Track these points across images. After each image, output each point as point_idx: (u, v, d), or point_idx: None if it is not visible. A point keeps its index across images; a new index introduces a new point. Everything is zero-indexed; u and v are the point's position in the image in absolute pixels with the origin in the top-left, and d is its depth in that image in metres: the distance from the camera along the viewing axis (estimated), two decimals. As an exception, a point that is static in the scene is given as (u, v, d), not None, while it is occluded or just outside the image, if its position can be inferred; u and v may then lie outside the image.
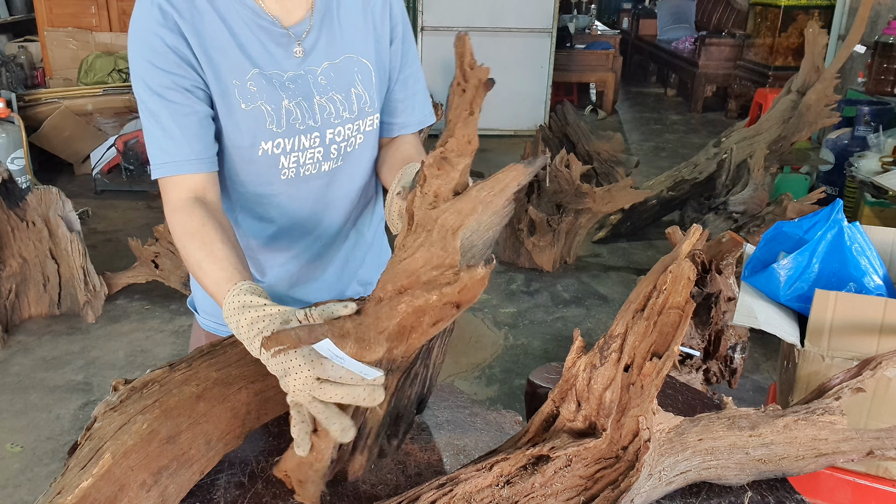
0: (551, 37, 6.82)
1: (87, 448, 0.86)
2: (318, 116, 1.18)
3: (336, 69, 1.19)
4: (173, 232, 1.09)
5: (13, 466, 2.46)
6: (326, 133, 1.20)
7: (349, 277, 1.38)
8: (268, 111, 1.14)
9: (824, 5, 6.88)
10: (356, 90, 1.21)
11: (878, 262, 1.71)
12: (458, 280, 0.79)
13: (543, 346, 3.33)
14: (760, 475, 1.00)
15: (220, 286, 0.97)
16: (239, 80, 1.12)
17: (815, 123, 4.02)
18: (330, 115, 1.19)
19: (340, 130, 1.21)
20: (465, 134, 0.77)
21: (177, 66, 1.08)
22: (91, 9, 5.71)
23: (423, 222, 0.81)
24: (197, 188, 1.10)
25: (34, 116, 5.18)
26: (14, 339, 3.28)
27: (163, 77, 1.08)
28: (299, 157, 1.19)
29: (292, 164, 1.20)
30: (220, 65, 1.11)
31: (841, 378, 1.06)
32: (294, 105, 1.15)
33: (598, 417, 0.89)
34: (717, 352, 2.14)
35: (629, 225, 4.55)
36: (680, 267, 0.85)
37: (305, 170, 1.21)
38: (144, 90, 1.09)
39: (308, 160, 1.21)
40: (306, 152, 1.20)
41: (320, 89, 1.18)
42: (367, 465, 0.99)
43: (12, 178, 3.32)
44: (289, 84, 1.15)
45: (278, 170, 1.19)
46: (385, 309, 0.82)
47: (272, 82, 1.14)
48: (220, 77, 1.11)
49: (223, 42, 1.11)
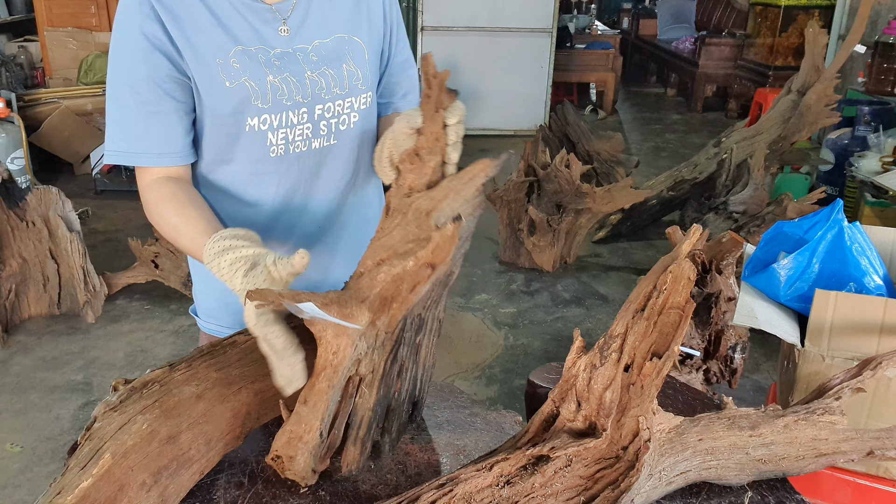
0: (551, 37, 6.82)
1: (86, 448, 0.86)
2: (307, 91, 1.19)
3: (327, 47, 1.21)
4: (146, 207, 1.14)
5: (13, 466, 2.46)
6: (315, 108, 1.21)
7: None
8: (252, 87, 1.15)
9: (824, 5, 6.88)
10: (348, 67, 1.22)
11: (879, 262, 1.71)
12: (430, 240, 0.85)
13: (543, 346, 3.33)
14: (761, 475, 1.00)
15: (196, 242, 1.04)
16: (222, 59, 1.13)
17: (816, 123, 4.02)
18: (321, 89, 1.20)
19: (330, 106, 1.22)
20: (433, 131, 0.89)
21: (151, 55, 1.09)
22: (91, 9, 5.71)
23: (398, 208, 0.90)
24: (167, 172, 1.16)
25: (34, 116, 5.18)
26: (14, 339, 3.28)
27: (138, 67, 1.09)
28: (287, 133, 1.20)
29: (280, 140, 1.20)
30: (200, 45, 1.12)
31: (841, 378, 1.06)
32: (280, 80, 1.16)
33: (598, 417, 0.89)
34: (717, 352, 2.14)
35: (629, 225, 4.55)
36: (680, 267, 0.85)
37: (295, 147, 1.22)
38: (117, 78, 1.12)
39: (297, 137, 1.21)
40: (294, 128, 1.21)
41: (311, 65, 1.19)
42: (361, 460, 0.99)
43: (12, 178, 3.32)
44: (274, 61, 1.16)
45: (267, 147, 1.20)
46: (365, 280, 0.89)
47: (256, 59, 1.15)
48: (202, 57, 1.12)
49: (203, 22, 1.12)
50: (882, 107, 4.42)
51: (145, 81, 1.10)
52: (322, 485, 0.97)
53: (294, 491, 0.95)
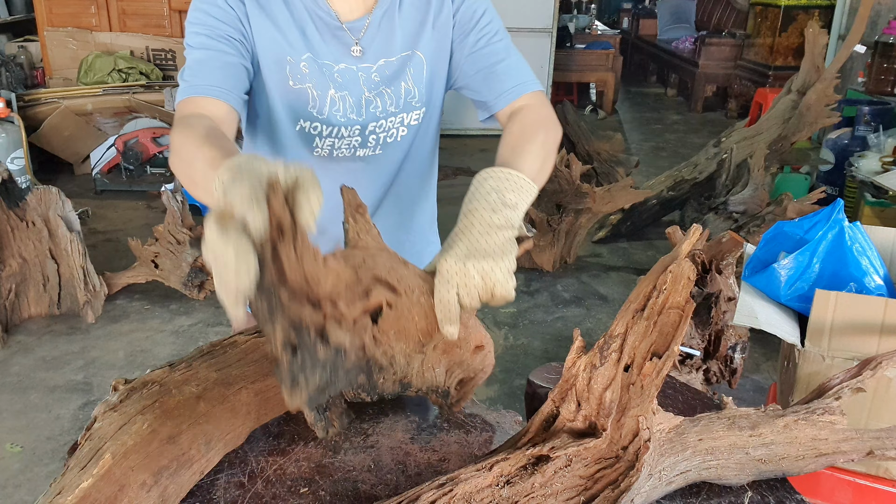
0: (551, 37, 6.82)
1: (86, 448, 0.86)
2: (363, 111, 1.20)
3: (391, 66, 1.20)
4: (173, 134, 1.00)
5: (13, 466, 2.46)
6: (368, 126, 1.22)
7: None
8: (313, 95, 1.17)
9: (824, 5, 6.88)
10: (406, 85, 1.22)
11: (879, 262, 1.71)
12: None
13: (543, 346, 3.33)
14: (760, 475, 1.00)
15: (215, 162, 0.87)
16: (293, 58, 1.15)
17: (815, 123, 4.02)
18: (376, 108, 1.20)
19: (383, 123, 1.23)
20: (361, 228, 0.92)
21: (228, 19, 1.12)
22: (91, 9, 5.70)
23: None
24: (211, 112, 1.06)
25: (34, 116, 5.18)
26: (14, 339, 3.28)
27: (214, 24, 1.12)
28: (334, 142, 1.22)
29: (326, 145, 1.22)
30: (278, 39, 1.14)
31: (841, 378, 1.06)
32: (339, 97, 1.18)
33: (598, 417, 0.89)
34: (717, 352, 2.14)
35: (629, 225, 4.55)
36: (680, 267, 0.85)
37: (339, 152, 1.23)
38: (192, 34, 1.12)
39: (343, 146, 1.23)
40: (343, 140, 1.22)
41: (371, 86, 1.19)
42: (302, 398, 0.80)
43: (12, 178, 3.32)
44: (337, 77, 1.17)
45: (311, 147, 1.22)
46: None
47: (322, 70, 1.17)
48: (276, 50, 1.15)
49: (284, 20, 1.15)
50: (882, 107, 4.42)
51: (216, 38, 1.11)
52: (322, 485, 0.97)
53: (294, 491, 0.95)
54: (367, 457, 1.03)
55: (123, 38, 5.70)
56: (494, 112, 1.23)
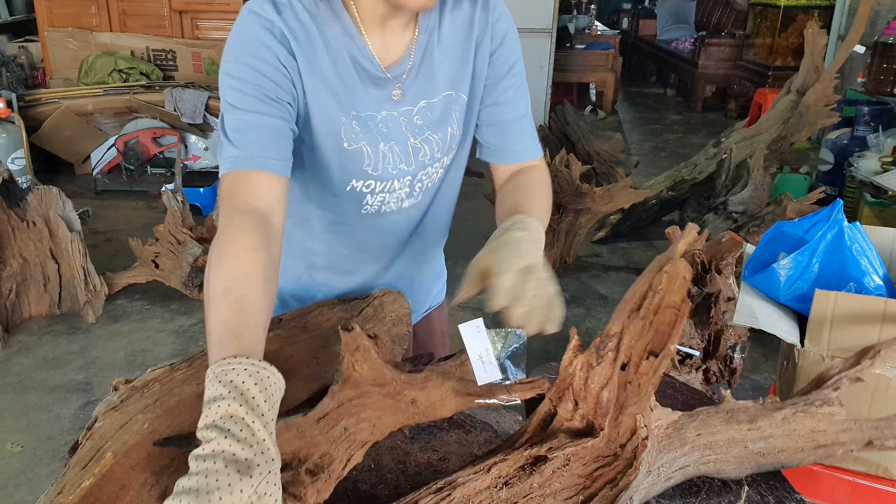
0: (551, 37, 6.82)
1: (87, 447, 0.86)
2: (411, 159, 1.14)
3: (433, 108, 1.14)
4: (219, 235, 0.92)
5: (13, 466, 2.46)
6: (418, 175, 1.17)
7: (415, 301, 1.37)
8: (368, 153, 1.11)
9: (824, 5, 6.88)
10: (451, 129, 1.16)
11: (879, 263, 1.71)
12: None
13: (543, 346, 3.33)
14: (759, 468, 1.00)
15: (222, 349, 0.80)
16: (346, 119, 1.08)
17: (815, 123, 4.02)
18: (425, 156, 1.15)
19: (429, 171, 1.18)
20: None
21: (279, 78, 1.01)
22: (91, 9, 5.70)
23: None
24: (263, 197, 0.97)
25: (34, 116, 5.18)
26: (14, 339, 3.29)
27: (263, 83, 1.00)
28: (385, 197, 1.17)
29: (377, 202, 1.17)
30: (330, 101, 1.07)
31: (839, 368, 1.05)
32: (388, 149, 1.12)
33: (595, 416, 0.90)
34: (716, 352, 2.14)
35: (629, 225, 4.55)
36: (675, 266, 0.85)
37: (387, 207, 1.19)
38: (235, 91, 1.00)
39: (392, 200, 1.18)
40: (394, 193, 1.17)
41: (415, 131, 1.13)
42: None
43: (12, 178, 3.32)
44: (381, 127, 1.11)
45: (361, 205, 1.17)
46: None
47: (368, 124, 1.10)
48: (328, 113, 1.07)
49: (331, 75, 1.06)
50: (881, 107, 4.42)
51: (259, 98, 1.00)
52: (322, 484, 0.97)
53: (294, 490, 0.95)
54: (367, 457, 1.03)
55: (124, 39, 5.70)
56: (499, 163, 1.24)
